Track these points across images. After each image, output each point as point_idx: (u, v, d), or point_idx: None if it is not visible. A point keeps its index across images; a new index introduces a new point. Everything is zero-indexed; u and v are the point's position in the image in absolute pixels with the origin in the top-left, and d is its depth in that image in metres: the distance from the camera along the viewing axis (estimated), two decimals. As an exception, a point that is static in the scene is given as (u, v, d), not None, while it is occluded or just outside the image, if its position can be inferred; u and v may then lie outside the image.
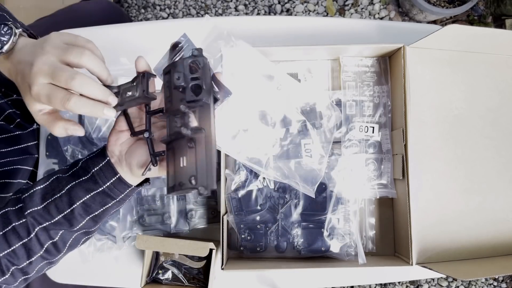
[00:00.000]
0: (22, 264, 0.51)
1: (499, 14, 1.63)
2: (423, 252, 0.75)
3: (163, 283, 0.78)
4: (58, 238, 0.52)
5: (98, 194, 0.50)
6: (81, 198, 0.50)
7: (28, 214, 0.50)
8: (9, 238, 0.50)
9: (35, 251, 0.51)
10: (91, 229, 0.54)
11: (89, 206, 0.50)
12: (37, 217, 0.50)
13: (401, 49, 0.74)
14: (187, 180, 0.43)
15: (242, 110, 0.74)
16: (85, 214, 0.51)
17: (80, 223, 0.51)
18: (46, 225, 0.50)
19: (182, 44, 0.52)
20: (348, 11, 1.67)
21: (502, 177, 0.80)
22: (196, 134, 0.45)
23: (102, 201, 0.51)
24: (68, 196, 0.50)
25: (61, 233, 0.51)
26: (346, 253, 0.76)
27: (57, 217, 0.50)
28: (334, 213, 0.75)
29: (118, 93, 0.48)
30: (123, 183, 0.51)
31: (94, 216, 0.52)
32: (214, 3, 1.69)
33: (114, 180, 0.50)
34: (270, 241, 0.77)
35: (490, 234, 0.78)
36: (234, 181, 0.75)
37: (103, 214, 0.52)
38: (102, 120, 0.81)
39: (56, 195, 0.50)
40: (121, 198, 0.52)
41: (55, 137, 0.80)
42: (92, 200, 0.50)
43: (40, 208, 0.50)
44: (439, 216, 0.77)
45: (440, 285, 1.60)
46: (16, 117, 0.81)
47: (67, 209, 0.50)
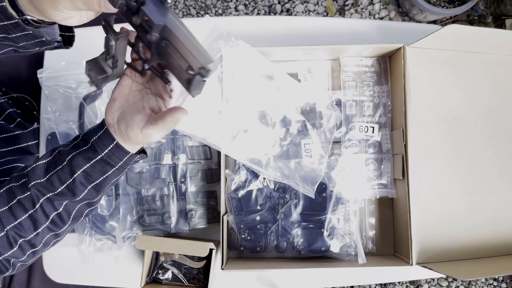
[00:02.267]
0: (29, 235, 0.53)
1: (499, 14, 1.63)
2: (423, 252, 0.75)
3: (163, 283, 0.78)
4: (62, 209, 0.53)
5: (97, 162, 0.52)
6: (81, 167, 0.51)
7: (32, 186, 0.52)
8: (14, 211, 0.51)
9: (41, 222, 0.52)
10: (94, 199, 0.55)
11: (90, 175, 0.52)
12: (41, 188, 0.52)
13: (401, 49, 0.74)
14: (185, 73, 0.43)
15: (242, 110, 0.74)
16: (86, 183, 0.52)
17: (82, 192, 0.52)
18: (50, 195, 0.52)
19: None
20: (348, 11, 1.67)
21: (502, 177, 0.80)
22: (161, 32, 0.43)
23: (102, 169, 0.52)
24: (70, 166, 0.51)
25: (65, 203, 0.53)
26: (346, 253, 0.76)
27: (60, 188, 0.52)
28: (334, 213, 0.75)
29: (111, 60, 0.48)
30: (120, 149, 0.52)
31: (96, 185, 0.53)
32: (214, 3, 1.69)
33: (112, 146, 0.51)
34: (270, 241, 0.77)
35: (490, 234, 0.78)
36: (234, 181, 0.75)
37: (104, 183, 0.53)
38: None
39: (58, 167, 0.52)
40: (120, 166, 0.53)
41: (55, 137, 0.80)
42: (92, 168, 0.52)
43: (44, 180, 0.52)
44: (439, 216, 0.77)
45: (440, 285, 1.60)
46: (16, 116, 0.81)
47: (69, 179, 0.51)
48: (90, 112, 0.81)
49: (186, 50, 0.43)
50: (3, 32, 0.51)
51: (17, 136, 0.81)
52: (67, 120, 0.81)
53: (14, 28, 0.51)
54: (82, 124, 0.81)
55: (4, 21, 0.50)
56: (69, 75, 0.81)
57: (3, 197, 0.53)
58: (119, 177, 0.55)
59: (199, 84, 0.44)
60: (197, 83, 0.44)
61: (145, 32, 0.44)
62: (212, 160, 0.82)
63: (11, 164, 0.79)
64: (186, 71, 0.43)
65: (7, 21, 0.50)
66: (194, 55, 0.43)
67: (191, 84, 0.44)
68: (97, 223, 0.79)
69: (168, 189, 0.79)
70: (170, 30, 0.43)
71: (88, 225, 0.78)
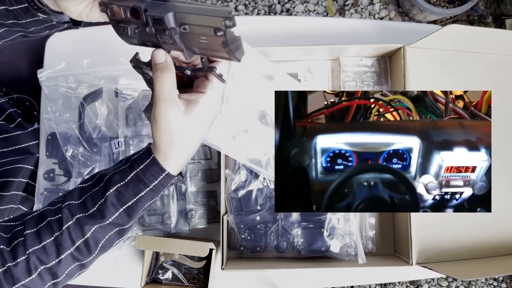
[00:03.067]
0: (51, 262, 0.49)
1: (499, 14, 1.63)
2: (423, 252, 0.75)
3: (163, 283, 0.78)
4: (90, 235, 0.49)
5: (131, 179, 0.48)
6: (115, 185, 0.48)
7: (65, 206, 0.49)
8: (41, 233, 0.49)
9: (66, 247, 0.49)
10: (125, 225, 0.51)
11: (122, 195, 0.48)
12: (73, 209, 0.49)
13: (401, 49, 0.74)
14: (218, 40, 0.41)
15: (242, 110, 0.74)
16: (118, 204, 0.49)
17: (112, 214, 0.49)
18: (79, 216, 0.49)
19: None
20: (348, 11, 1.67)
21: (502, 177, 0.80)
22: (175, 21, 0.42)
23: (135, 188, 0.49)
24: (105, 186, 0.49)
25: (94, 229, 0.49)
26: (346, 253, 0.76)
27: (92, 209, 0.49)
28: (334, 213, 0.75)
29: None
30: (156, 165, 0.48)
31: (128, 208, 0.49)
32: (214, 3, 1.69)
33: (148, 162, 0.48)
34: (270, 241, 0.77)
35: (490, 234, 0.78)
36: (234, 181, 0.75)
37: (137, 206, 0.50)
38: (102, 120, 0.81)
39: (95, 188, 0.49)
40: (155, 186, 0.49)
41: (55, 137, 0.80)
42: (125, 187, 0.48)
43: (78, 202, 0.49)
44: (439, 216, 0.77)
45: (440, 285, 1.60)
46: (17, 116, 0.81)
47: (101, 199, 0.48)
48: (90, 112, 0.81)
49: (202, 17, 0.41)
50: (12, 17, 0.51)
51: (17, 136, 0.81)
52: (67, 120, 0.81)
53: (24, 13, 0.50)
54: (82, 124, 0.81)
55: (14, 5, 0.49)
56: (69, 75, 0.81)
57: (35, 219, 0.50)
58: (152, 201, 0.51)
59: (236, 43, 0.42)
60: (233, 42, 0.42)
61: (164, 33, 0.43)
62: (212, 160, 0.82)
63: (13, 165, 0.79)
64: (216, 35, 0.41)
65: (17, 5, 0.49)
66: (211, 15, 0.40)
67: (229, 45, 0.41)
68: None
69: (168, 189, 0.79)
70: (180, 13, 0.42)
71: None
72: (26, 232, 0.48)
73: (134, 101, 0.79)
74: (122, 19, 0.45)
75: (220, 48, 0.42)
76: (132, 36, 0.46)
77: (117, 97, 0.80)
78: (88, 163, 0.79)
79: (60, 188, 0.81)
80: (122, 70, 0.81)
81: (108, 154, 0.80)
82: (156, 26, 0.42)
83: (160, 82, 0.45)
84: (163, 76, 0.45)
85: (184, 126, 0.47)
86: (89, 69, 0.81)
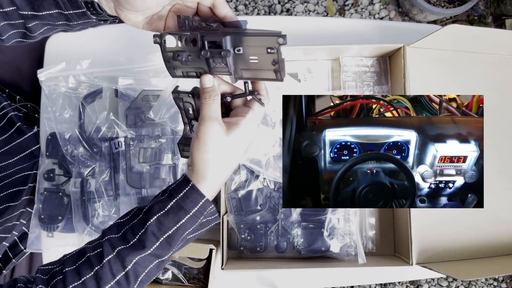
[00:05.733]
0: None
1: (499, 14, 1.63)
2: (423, 252, 0.75)
3: (163, 283, 0.78)
4: (131, 268, 0.48)
5: (171, 208, 0.49)
6: (155, 214, 0.48)
7: (105, 241, 0.49)
8: (81, 269, 0.48)
9: (106, 280, 0.48)
10: (164, 256, 0.50)
11: (162, 224, 0.48)
12: (114, 242, 0.48)
13: (401, 49, 0.74)
14: (268, 58, 0.46)
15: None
16: (158, 234, 0.48)
17: (153, 244, 0.48)
18: (120, 249, 0.48)
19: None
20: (348, 11, 1.67)
21: (502, 177, 0.80)
22: (231, 43, 0.46)
23: (175, 216, 0.49)
24: (144, 217, 0.49)
25: (135, 261, 0.48)
26: (346, 253, 0.76)
27: (132, 240, 0.48)
28: (334, 213, 0.75)
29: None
30: (195, 191, 0.49)
31: (168, 237, 0.49)
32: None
33: (188, 189, 0.49)
34: (270, 241, 0.77)
35: (490, 234, 0.78)
36: (234, 181, 0.75)
37: (177, 234, 0.49)
38: (102, 120, 0.81)
39: (134, 220, 0.49)
40: (194, 214, 0.49)
41: (55, 137, 0.80)
42: (165, 216, 0.48)
43: (118, 236, 0.49)
44: (439, 216, 0.77)
45: (440, 285, 1.60)
46: (16, 120, 0.81)
47: (141, 229, 0.48)
48: (90, 112, 0.81)
49: (258, 39, 0.45)
50: (64, 19, 0.51)
51: (20, 144, 0.80)
52: (67, 120, 0.81)
53: (79, 17, 0.51)
54: (82, 124, 0.81)
55: (70, 10, 0.50)
56: (69, 75, 0.81)
57: (73, 257, 0.50)
58: (191, 229, 0.50)
59: (282, 62, 0.46)
60: (281, 60, 0.46)
61: (218, 55, 0.46)
62: (212, 160, 0.82)
63: (23, 173, 0.80)
64: (268, 53, 0.45)
65: (73, 10, 0.50)
66: (266, 36, 0.45)
67: (279, 62, 0.46)
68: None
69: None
70: (235, 37, 0.46)
71: (88, 225, 0.78)
72: (65, 270, 0.48)
73: (134, 101, 0.79)
74: (176, 48, 0.48)
75: (269, 66, 0.47)
76: (179, 66, 0.50)
77: (117, 97, 0.80)
78: (88, 163, 0.79)
79: (60, 188, 0.81)
80: (122, 70, 0.81)
81: (108, 154, 0.80)
82: (212, 49, 0.46)
83: (208, 103, 0.48)
84: (212, 99, 0.49)
85: (224, 145, 0.49)
86: (89, 69, 0.81)
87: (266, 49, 0.45)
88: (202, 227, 0.52)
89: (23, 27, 0.53)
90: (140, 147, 0.78)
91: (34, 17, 0.51)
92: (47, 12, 0.50)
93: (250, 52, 0.46)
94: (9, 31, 0.53)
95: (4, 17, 0.51)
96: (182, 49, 0.47)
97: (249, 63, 0.47)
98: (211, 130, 0.48)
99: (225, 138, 0.49)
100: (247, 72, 0.49)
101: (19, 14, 0.50)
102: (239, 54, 0.46)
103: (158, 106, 0.75)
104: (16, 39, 0.55)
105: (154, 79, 0.81)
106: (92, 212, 0.78)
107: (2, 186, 0.76)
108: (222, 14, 0.49)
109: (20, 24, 0.52)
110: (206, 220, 0.51)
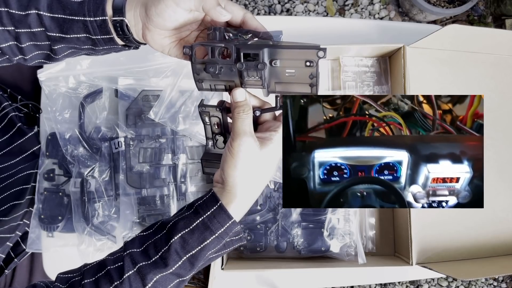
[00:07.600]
0: None
1: (499, 14, 1.63)
2: (423, 252, 0.75)
3: (163, 283, 0.78)
4: (151, 286, 0.47)
5: (197, 226, 0.47)
6: (180, 231, 0.47)
7: (126, 255, 0.48)
8: (100, 283, 0.47)
9: None
10: (185, 276, 0.49)
11: (187, 242, 0.47)
12: (135, 257, 0.47)
13: (401, 49, 0.74)
14: (306, 71, 0.45)
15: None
16: (182, 252, 0.47)
17: (176, 263, 0.47)
18: (141, 265, 0.47)
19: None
20: (348, 11, 1.67)
21: (502, 177, 0.80)
22: (269, 56, 0.45)
23: (201, 235, 0.47)
24: (168, 233, 0.48)
25: (156, 279, 0.47)
26: (346, 253, 0.76)
27: (154, 257, 0.47)
28: (334, 213, 0.75)
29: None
30: (223, 211, 0.47)
31: (191, 256, 0.47)
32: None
33: (215, 208, 0.47)
34: (270, 241, 0.77)
35: (490, 234, 0.78)
36: (234, 181, 0.75)
37: (200, 255, 0.48)
38: (102, 120, 0.81)
39: (157, 235, 0.48)
40: (220, 235, 0.48)
41: (55, 137, 0.80)
42: (190, 234, 0.47)
43: (139, 250, 0.48)
44: (439, 216, 0.77)
45: (440, 285, 1.60)
46: (17, 121, 0.81)
47: (164, 246, 0.47)
48: (90, 112, 0.81)
49: (296, 51, 0.45)
50: (91, 44, 0.51)
51: (21, 145, 0.81)
52: (67, 120, 0.81)
53: (105, 42, 0.51)
54: (82, 124, 0.81)
55: (98, 35, 0.50)
56: (69, 75, 0.81)
57: (94, 268, 0.48)
58: (215, 249, 0.49)
59: (318, 76, 0.46)
60: (318, 74, 0.45)
61: (253, 68, 0.45)
62: (212, 160, 0.82)
63: (26, 172, 0.80)
64: (307, 66, 0.44)
65: (101, 35, 0.50)
66: (305, 49, 0.44)
67: (316, 76, 0.45)
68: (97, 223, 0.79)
69: (168, 189, 0.79)
70: (273, 49, 0.45)
71: (88, 225, 0.78)
72: (84, 281, 0.47)
73: (134, 101, 0.79)
74: (207, 60, 0.46)
75: (306, 80, 0.46)
76: (208, 78, 0.48)
77: (117, 97, 0.80)
78: (88, 163, 0.79)
79: (60, 188, 0.81)
80: (122, 70, 0.81)
81: (108, 154, 0.80)
82: (247, 62, 0.45)
83: (241, 117, 0.47)
84: (245, 113, 0.48)
85: (258, 161, 0.48)
86: (89, 69, 0.81)
87: (305, 62, 0.44)
88: (226, 247, 0.50)
89: (49, 48, 0.52)
90: (140, 147, 0.79)
91: (61, 40, 0.51)
92: (75, 36, 0.50)
93: (287, 65, 0.45)
94: (33, 52, 0.53)
95: (31, 38, 0.50)
96: (214, 61, 0.45)
97: (284, 76, 0.46)
98: (245, 146, 0.47)
99: (259, 154, 0.48)
100: (280, 85, 0.48)
101: (46, 36, 0.50)
102: (275, 67, 0.45)
103: (158, 106, 0.75)
104: (39, 60, 0.55)
105: (154, 79, 0.81)
106: (92, 212, 0.78)
107: (6, 185, 0.76)
108: (252, 27, 0.49)
109: (46, 45, 0.52)
110: (230, 240, 0.50)
